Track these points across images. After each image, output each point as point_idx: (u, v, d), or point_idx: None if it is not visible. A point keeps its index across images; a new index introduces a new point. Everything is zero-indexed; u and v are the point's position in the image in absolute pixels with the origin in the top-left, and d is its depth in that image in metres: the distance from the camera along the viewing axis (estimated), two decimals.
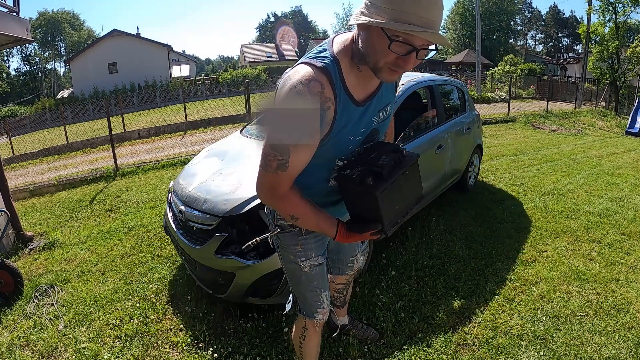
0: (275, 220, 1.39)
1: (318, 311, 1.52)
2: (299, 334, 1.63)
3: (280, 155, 1.06)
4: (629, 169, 6.14)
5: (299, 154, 1.08)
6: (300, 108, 1.01)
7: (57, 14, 43.39)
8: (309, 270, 1.44)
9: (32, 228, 4.33)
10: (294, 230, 1.36)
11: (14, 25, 3.75)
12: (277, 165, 1.08)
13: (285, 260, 1.46)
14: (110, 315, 2.49)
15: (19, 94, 39.26)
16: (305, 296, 1.50)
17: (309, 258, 1.42)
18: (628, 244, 3.29)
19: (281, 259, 1.49)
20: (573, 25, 44.77)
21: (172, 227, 2.59)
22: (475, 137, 4.42)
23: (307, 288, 1.48)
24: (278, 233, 1.39)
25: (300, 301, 1.54)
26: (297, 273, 1.45)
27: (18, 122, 18.53)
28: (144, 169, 6.83)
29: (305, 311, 1.54)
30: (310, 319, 1.54)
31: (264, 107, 1.11)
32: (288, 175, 1.10)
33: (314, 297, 1.49)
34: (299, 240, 1.39)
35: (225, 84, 25.79)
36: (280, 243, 1.43)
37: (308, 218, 1.20)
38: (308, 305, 1.52)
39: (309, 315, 1.53)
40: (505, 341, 2.13)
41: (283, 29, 46.97)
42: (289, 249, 1.41)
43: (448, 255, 3.05)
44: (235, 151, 2.96)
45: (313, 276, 1.45)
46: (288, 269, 1.48)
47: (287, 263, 1.46)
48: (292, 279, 1.50)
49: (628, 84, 17.56)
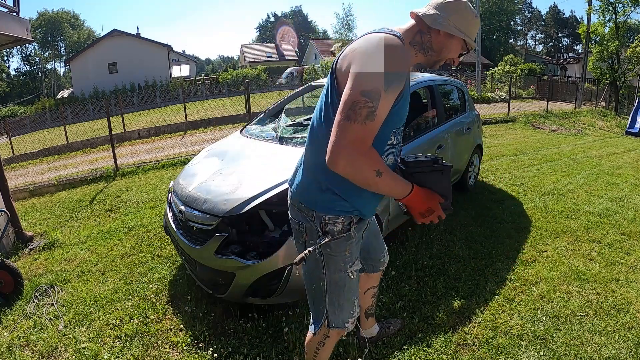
0: (323, 227, 1.33)
1: (349, 320, 1.49)
2: (318, 341, 1.55)
3: (371, 101, 1.10)
4: (629, 169, 6.14)
5: (386, 102, 1.13)
6: (391, 52, 1.14)
7: (57, 14, 43.38)
8: (354, 277, 1.43)
9: (32, 228, 4.33)
10: (343, 235, 1.34)
11: (14, 25, 3.75)
12: (367, 114, 1.10)
13: (333, 269, 1.39)
14: (110, 315, 2.49)
15: (19, 94, 39.26)
16: (342, 306, 1.45)
17: (354, 263, 1.41)
18: (628, 244, 3.29)
19: (327, 270, 1.40)
20: (573, 25, 44.78)
21: (172, 227, 2.59)
22: (475, 137, 4.42)
23: (346, 297, 1.45)
24: (329, 241, 1.33)
25: (335, 314, 1.46)
26: (342, 282, 1.41)
27: (18, 122, 18.52)
28: (144, 169, 6.83)
29: (335, 323, 1.47)
30: (340, 329, 1.49)
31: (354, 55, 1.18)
32: (375, 126, 1.13)
33: (349, 305, 1.47)
34: (348, 245, 1.37)
35: (225, 84, 25.78)
36: (329, 251, 1.37)
37: (390, 173, 1.21)
38: (342, 316, 1.47)
39: (339, 325, 1.48)
40: (505, 341, 2.13)
41: (283, 29, 47.02)
42: (340, 256, 1.38)
43: (448, 255, 3.05)
44: (235, 151, 2.96)
45: (354, 283, 1.45)
46: (333, 279, 1.41)
47: (334, 273, 1.40)
48: (335, 290, 1.43)
49: (628, 84, 17.57)
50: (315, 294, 1.47)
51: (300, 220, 1.40)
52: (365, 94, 1.10)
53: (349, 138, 1.10)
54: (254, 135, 3.23)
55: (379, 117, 1.13)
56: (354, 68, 1.14)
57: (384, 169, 1.18)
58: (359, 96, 1.10)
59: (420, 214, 1.33)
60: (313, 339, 1.57)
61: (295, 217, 1.43)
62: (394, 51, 1.15)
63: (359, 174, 1.15)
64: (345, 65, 1.19)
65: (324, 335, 1.53)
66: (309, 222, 1.36)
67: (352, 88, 1.11)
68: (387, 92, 1.13)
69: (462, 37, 1.30)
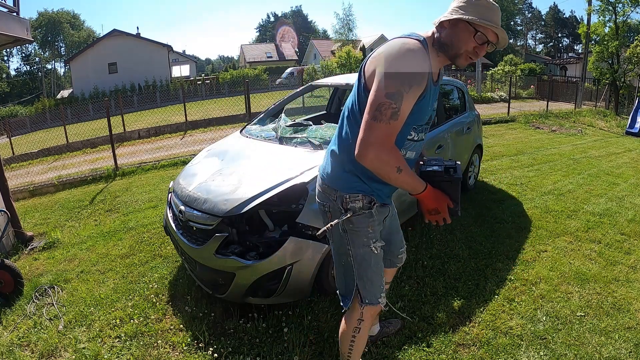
0: (345, 204, 1.45)
1: (382, 295, 1.56)
2: (353, 328, 1.60)
3: (395, 102, 1.24)
4: (629, 169, 6.14)
5: (408, 102, 1.26)
6: (412, 57, 1.27)
7: (57, 14, 43.38)
8: (378, 252, 1.51)
9: (32, 228, 4.33)
10: (364, 212, 1.45)
11: (14, 25, 3.75)
12: (392, 114, 1.24)
13: (357, 244, 1.49)
14: (110, 315, 2.49)
15: (19, 94, 39.26)
16: (372, 280, 1.53)
17: (377, 239, 1.50)
18: (628, 244, 3.29)
19: (351, 246, 1.50)
20: (573, 25, 44.78)
21: (172, 227, 2.59)
22: (475, 137, 4.42)
23: (375, 271, 1.53)
24: (351, 217, 1.44)
25: (367, 289, 1.53)
26: (368, 257, 1.50)
27: (18, 122, 18.52)
28: (144, 169, 6.83)
29: (369, 299, 1.53)
30: (374, 305, 1.55)
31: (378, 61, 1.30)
32: (398, 124, 1.27)
33: (379, 279, 1.55)
34: (370, 222, 1.47)
35: (225, 84, 25.79)
36: (352, 227, 1.47)
37: (409, 171, 1.33)
38: (373, 290, 1.53)
39: (373, 301, 1.54)
40: (505, 341, 2.13)
41: (283, 29, 47.02)
42: (362, 232, 1.47)
43: (448, 255, 3.05)
44: (235, 151, 2.96)
45: (379, 257, 1.53)
46: (358, 254, 1.50)
47: (358, 248, 1.49)
48: (362, 264, 1.51)
49: (628, 84, 17.57)
50: (345, 269, 1.57)
51: (325, 201, 1.53)
52: (390, 95, 1.24)
53: (376, 136, 1.25)
54: (254, 135, 3.23)
55: (402, 116, 1.26)
56: (379, 71, 1.27)
57: (404, 166, 1.31)
58: (384, 98, 1.24)
59: (428, 211, 1.46)
60: (347, 327, 1.61)
61: (321, 198, 1.56)
62: (413, 54, 1.28)
63: (383, 168, 1.29)
64: (372, 69, 1.32)
65: (358, 321, 1.58)
66: (332, 201, 1.48)
67: (378, 90, 1.25)
68: (409, 93, 1.25)
69: (465, 20, 1.29)
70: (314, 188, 2.30)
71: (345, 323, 1.63)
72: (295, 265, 2.20)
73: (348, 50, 24.10)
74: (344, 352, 1.67)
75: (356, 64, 22.75)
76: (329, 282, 2.41)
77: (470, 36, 1.31)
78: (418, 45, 1.29)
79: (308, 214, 2.24)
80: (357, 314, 1.57)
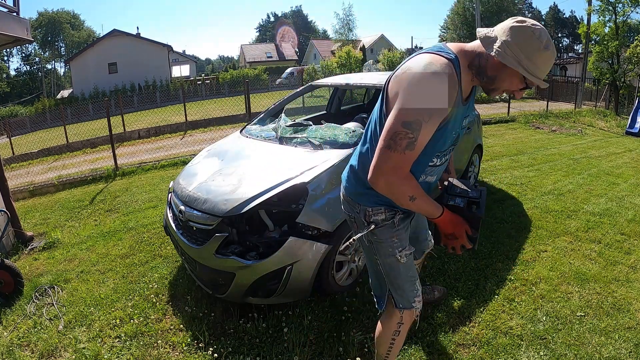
0: (368, 217, 1.46)
1: (415, 300, 1.57)
2: (393, 331, 1.61)
3: (412, 132, 1.17)
4: (629, 169, 6.14)
5: (427, 132, 1.19)
6: (436, 85, 1.16)
7: (57, 14, 43.38)
8: (406, 260, 1.50)
9: (32, 228, 4.33)
10: (387, 223, 1.45)
11: (14, 25, 3.75)
12: (407, 144, 1.18)
13: (383, 254, 1.51)
14: (110, 315, 2.49)
15: (19, 94, 39.24)
16: (403, 287, 1.54)
17: (404, 248, 1.49)
18: (628, 244, 3.29)
19: (378, 256, 1.52)
20: (573, 25, 44.79)
21: (172, 227, 2.59)
22: (475, 137, 4.42)
23: (404, 278, 1.53)
24: (374, 229, 1.45)
25: (398, 294, 1.55)
26: (395, 265, 1.51)
27: (18, 122, 18.52)
28: (144, 169, 6.83)
29: (402, 304, 1.55)
30: (409, 309, 1.57)
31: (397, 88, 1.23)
32: (414, 155, 1.21)
33: (411, 286, 1.55)
34: (394, 232, 1.47)
35: (225, 84, 25.79)
36: (376, 238, 1.48)
37: (424, 198, 1.30)
38: (406, 296, 1.55)
39: (407, 306, 1.56)
40: (505, 341, 2.13)
41: (283, 29, 47.01)
42: (386, 243, 1.48)
43: (448, 255, 3.05)
44: (235, 151, 2.96)
45: (409, 265, 1.53)
46: (385, 263, 1.52)
47: (384, 257, 1.51)
48: (390, 272, 1.53)
49: (628, 84, 17.55)
50: (377, 275, 1.61)
51: (350, 212, 1.54)
52: (407, 125, 1.17)
53: (389, 165, 1.21)
54: (254, 135, 3.23)
55: (419, 146, 1.20)
56: (399, 96, 1.20)
57: (418, 194, 1.28)
58: (400, 127, 1.17)
59: (445, 236, 1.45)
60: (387, 330, 1.62)
61: (346, 209, 1.57)
62: (437, 79, 1.16)
63: (395, 195, 1.27)
64: (395, 89, 1.24)
65: (398, 324, 1.60)
66: (356, 213, 1.49)
67: (395, 118, 1.18)
68: (428, 123, 1.18)
69: (517, 70, 1.15)
70: (314, 188, 2.31)
71: (384, 326, 1.63)
72: (295, 265, 2.21)
73: (348, 50, 24.11)
74: (382, 353, 1.68)
75: (356, 64, 22.76)
76: (328, 282, 2.41)
77: (518, 82, 1.22)
78: (446, 66, 1.17)
79: (308, 214, 2.24)
80: (397, 317, 1.58)
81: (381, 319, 1.66)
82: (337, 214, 2.34)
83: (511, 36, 1.15)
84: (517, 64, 1.15)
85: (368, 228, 1.45)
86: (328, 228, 2.28)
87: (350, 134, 2.76)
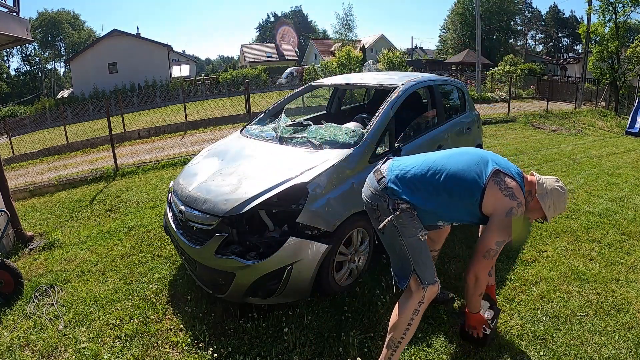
0: (397, 205, 1.77)
1: (435, 275, 1.83)
2: (413, 310, 1.78)
3: (499, 247, 1.76)
4: (629, 169, 6.14)
5: None
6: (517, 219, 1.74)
7: (57, 14, 43.40)
8: (425, 239, 1.81)
9: (32, 228, 4.33)
10: (410, 210, 1.78)
11: (14, 25, 3.75)
12: (494, 255, 1.78)
13: (408, 235, 1.78)
14: (110, 315, 2.49)
15: (19, 94, 39.26)
16: (426, 264, 1.81)
17: (422, 228, 1.80)
18: (628, 244, 3.29)
19: (403, 237, 1.78)
20: (573, 25, 44.79)
21: (172, 227, 2.59)
22: (475, 137, 4.41)
23: (427, 255, 1.82)
24: (400, 214, 1.76)
25: (422, 271, 1.79)
26: (417, 244, 1.79)
27: (18, 122, 18.52)
28: (144, 169, 6.83)
29: (427, 279, 1.79)
30: (432, 284, 1.80)
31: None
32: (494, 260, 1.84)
33: (431, 262, 1.84)
34: (414, 216, 1.79)
35: (225, 84, 25.78)
36: (402, 222, 1.78)
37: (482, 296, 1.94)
38: (429, 271, 1.81)
39: (431, 281, 1.80)
40: (505, 341, 2.13)
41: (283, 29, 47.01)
42: (410, 224, 1.78)
43: (448, 255, 3.05)
44: (235, 151, 2.96)
45: (426, 244, 1.82)
46: (410, 243, 1.78)
47: (409, 238, 1.78)
48: (414, 251, 1.79)
49: (628, 84, 17.56)
50: (399, 256, 1.84)
51: (375, 201, 1.85)
52: (498, 243, 1.75)
53: (485, 269, 1.80)
54: (254, 135, 3.23)
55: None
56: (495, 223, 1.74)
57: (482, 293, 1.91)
58: (494, 245, 1.75)
59: (467, 325, 2.04)
60: (406, 311, 1.79)
61: (371, 199, 1.88)
62: (517, 219, 1.73)
63: (476, 290, 1.87)
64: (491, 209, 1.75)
65: (419, 303, 1.79)
66: (384, 202, 1.81)
67: (491, 237, 1.75)
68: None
69: (545, 212, 1.79)
70: (314, 188, 2.31)
71: (404, 306, 1.80)
72: (295, 265, 2.21)
73: (348, 50, 24.07)
74: (396, 337, 1.80)
75: (356, 64, 22.73)
76: (329, 282, 2.41)
77: (538, 216, 1.85)
78: (521, 210, 1.74)
79: (308, 214, 2.24)
80: (419, 296, 1.79)
81: (400, 300, 1.84)
82: (337, 214, 2.34)
83: (554, 195, 1.78)
84: (548, 210, 1.78)
85: (394, 213, 1.76)
86: (328, 228, 2.28)
87: (350, 134, 2.76)
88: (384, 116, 2.80)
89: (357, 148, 2.61)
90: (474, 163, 1.79)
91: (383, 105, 2.88)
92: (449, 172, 1.77)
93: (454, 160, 1.82)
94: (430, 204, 1.79)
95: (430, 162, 1.84)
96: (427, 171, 1.81)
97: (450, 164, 1.81)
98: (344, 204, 2.40)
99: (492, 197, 1.72)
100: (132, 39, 28.46)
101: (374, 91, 4.78)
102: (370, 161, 2.64)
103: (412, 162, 1.88)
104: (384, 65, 21.43)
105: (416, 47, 48.68)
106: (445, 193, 1.77)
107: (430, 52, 50.19)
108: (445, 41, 44.95)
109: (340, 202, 2.39)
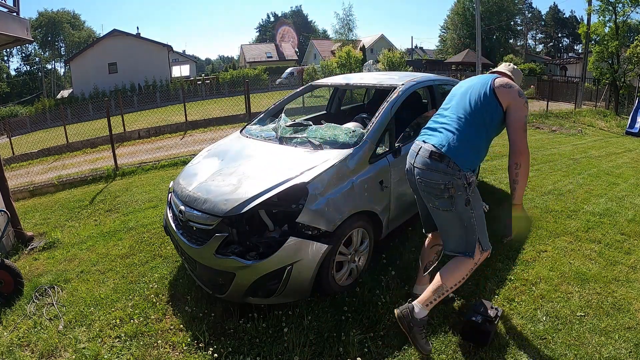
0: (468, 179, 1.97)
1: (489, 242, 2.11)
2: (470, 269, 2.07)
3: (527, 121, 2.12)
4: (629, 169, 6.14)
5: None
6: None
7: (57, 14, 43.40)
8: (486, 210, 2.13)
9: (32, 228, 4.33)
10: (475, 182, 2.03)
11: (14, 25, 3.75)
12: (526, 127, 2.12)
13: (477, 207, 2.04)
14: (110, 315, 2.49)
15: (19, 94, 39.26)
16: (485, 232, 2.08)
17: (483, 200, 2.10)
18: (628, 244, 3.29)
19: (473, 210, 2.01)
20: (573, 25, 44.79)
21: (172, 227, 2.59)
22: None
23: (485, 224, 2.08)
24: (473, 186, 2.01)
25: (484, 238, 2.07)
26: (482, 214, 2.08)
27: (18, 122, 18.54)
28: (144, 169, 6.83)
29: (486, 246, 2.07)
30: (489, 249, 2.10)
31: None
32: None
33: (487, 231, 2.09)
34: (476, 188, 2.06)
35: (225, 84, 25.79)
36: (473, 195, 2.02)
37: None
38: (486, 238, 2.08)
39: (487, 247, 2.08)
40: (505, 341, 2.13)
41: (283, 29, 47.02)
42: (476, 196, 2.05)
43: (448, 255, 3.04)
44: (235, 151, 2.96)
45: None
46: (478, 215, 2.04)
47: (477, 210, 2.04)
48: (480, 222, 2.05)
49: (628, 84, 17.57)
50: (467, 230, 2.03)
51: (445, 180, 1.98)
52: (526, 117, 2.11)
53: (525, 140, 2.10)
54: (254, 135, 3.23)
55: None
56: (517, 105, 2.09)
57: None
58: (524, 118, 2.10)
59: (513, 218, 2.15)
60: (464, 268, 2.05)
61: (440, 179, 1.99)
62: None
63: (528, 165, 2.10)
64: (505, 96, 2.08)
65: (475, 263, 2.07)
66: (457, 179, 1.97)
67: (520, 114, 2.10)
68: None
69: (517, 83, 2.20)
70: (314, 188, 2.31)
71: (462, 265, 2.05)
72: (295, 265, 2.21)
73: (348, 50, 24.09)
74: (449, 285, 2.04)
75: (356, 64, 22.74)
76: (329, 282, 2.41)
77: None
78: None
79: (308, 214, 2.24)
80: (477, 259, 2.06)
81: (455, 261, 2.08)
82: (337, 214, 2.34)
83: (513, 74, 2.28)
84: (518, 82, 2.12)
85: (470, 187, 1.97)
86: (328, 228, 2.28)
87: (350, 134, 2.76)
88: (384, 116, 2.80)
89: (357, 148, 2.61)
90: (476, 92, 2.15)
91: (383, 105, 2.88)
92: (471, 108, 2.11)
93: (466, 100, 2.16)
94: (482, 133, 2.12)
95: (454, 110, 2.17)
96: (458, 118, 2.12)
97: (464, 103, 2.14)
98: (344, 204, 2.40)
99: (504, 94, 2.07)
100: (132, 39, 28.48)
101: (374, 91, 4.78)
102: (370, 161, 2.64)
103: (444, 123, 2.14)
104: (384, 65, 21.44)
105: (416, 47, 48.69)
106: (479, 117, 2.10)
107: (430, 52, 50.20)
108: (445, 41, 44.97)
109: (341, 202, 2.39)
